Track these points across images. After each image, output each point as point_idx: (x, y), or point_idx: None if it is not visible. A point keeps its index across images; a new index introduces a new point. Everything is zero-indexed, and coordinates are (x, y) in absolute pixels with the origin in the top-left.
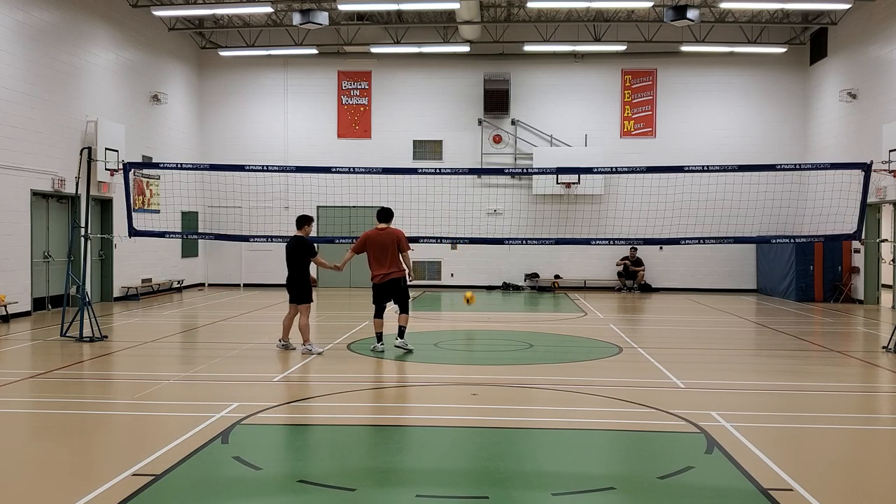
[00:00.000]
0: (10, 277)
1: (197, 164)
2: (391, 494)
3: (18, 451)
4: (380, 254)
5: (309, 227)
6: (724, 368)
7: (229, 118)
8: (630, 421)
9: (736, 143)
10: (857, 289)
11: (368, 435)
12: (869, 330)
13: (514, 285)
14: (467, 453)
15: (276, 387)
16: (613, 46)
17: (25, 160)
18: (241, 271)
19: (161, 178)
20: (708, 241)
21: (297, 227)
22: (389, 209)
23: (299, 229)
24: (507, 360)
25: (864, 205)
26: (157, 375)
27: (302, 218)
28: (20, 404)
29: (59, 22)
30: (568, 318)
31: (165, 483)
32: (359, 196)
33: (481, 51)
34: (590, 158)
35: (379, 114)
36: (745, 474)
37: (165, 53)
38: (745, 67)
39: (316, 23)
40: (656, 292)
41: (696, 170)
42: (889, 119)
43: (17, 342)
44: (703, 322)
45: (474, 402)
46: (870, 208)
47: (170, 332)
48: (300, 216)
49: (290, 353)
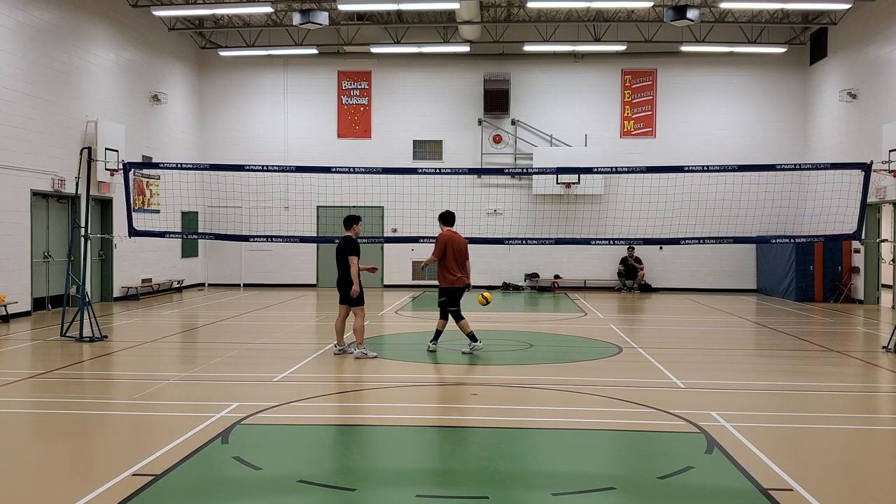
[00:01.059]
0: (10, 277)
1: (197, 164)
2: (391, 494)
3: (18, 451)
4: (460, 256)
5: (358, 226)
6: (724, 368)
7: (229, 118)
8: (630, 421)
9: (736, 143)
10: (857, 289)
11: (368, 435)
12: (869, 330)
13: (513, 285)
14: (467, 453)
15: (276, 387)
16: (613, 46)
17: (25, 160)
18: (241, 271)
19: (161, 178)
20: (708, 241)
21: (346, 228)
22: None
23: (348, 229)
24: (507, 360)
25: (864, 205)
26: (157, 375)
27: (350, 218)
28: (20, 404)
29: (59, 22)
30: (568, 318)
31: (165, 483)
32: (359, 196)
33: (481, 51)
34: (590, 158)
35: (379, 114)
36: (745, 474)
37: (165, 53)
38: (745, 67)
39: (316, 23)
40: (656, 292)
41: (696, 170)
42: (889, 119)
43: (17, 342)
44: (703, 322)
45: (474, 402)
46: (870, 208)
47: (170, 332)
48: (348, 216)
49: (290, 353)
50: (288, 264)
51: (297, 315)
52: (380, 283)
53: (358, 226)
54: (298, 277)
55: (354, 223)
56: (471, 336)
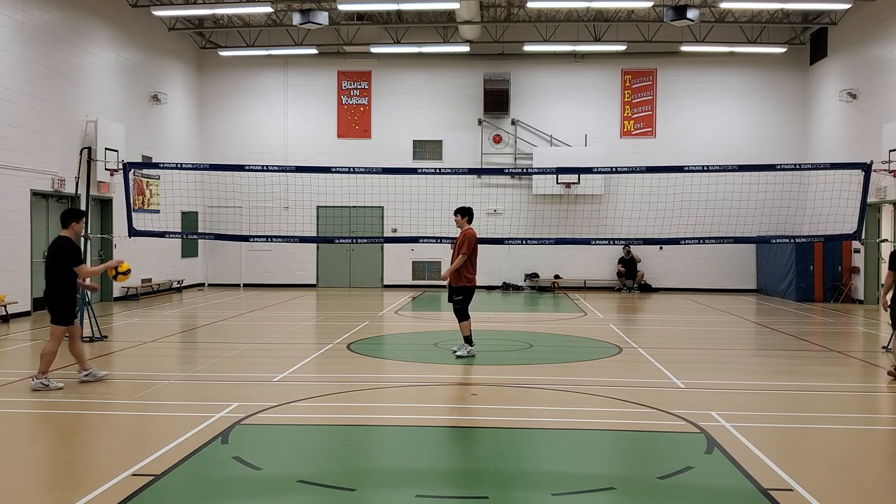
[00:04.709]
0: (10, 277)
1: (197, 164)
2: (391, 494)
3: (18, 451)
4: (476, 256)
5: (79, 224)
6: (724, 368)
7: (229, 118)
8: (630, 421)
9: (736, 143)
10: (857, 289)
11: (368, 435)
12: (869, 330)
13: (514, 285)
14: (467, 453)
15: (276, 387)
16: (613, 46)
17: (25, 160)
18: (240, 271)
19: (161, 178)
20: (708, 241)
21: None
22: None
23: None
24: (507, 360)
25: (864, 205)
26: (157, 375)
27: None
28: (20, 404)
29: (59, 22)
30: (568, 318)
31: (165, 483)
32: (359, 196)
33: (481, 51)
34: (590, 158)
35: (379, 114)
36: (745, 474)
37: (165, 53)
38: (745, 67)
39: (316, 23)
40: (656, 292)
41: (696, 170)
42: (889, 119)
43: (17, 342)
44: (703, 322)
45: (474, 402)
46: (870, 208)
47: (170, 332)
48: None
49: (290, 353)
50: (288, 264)
51: (296, 315)
52: (380, 283)
53: (79, 224)
54: (298, 277)
55: (74, 220)
56: (465, 340)
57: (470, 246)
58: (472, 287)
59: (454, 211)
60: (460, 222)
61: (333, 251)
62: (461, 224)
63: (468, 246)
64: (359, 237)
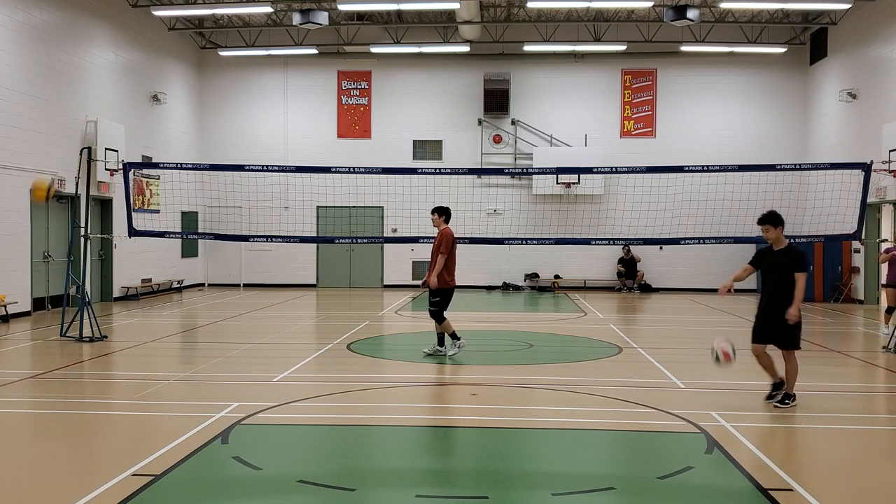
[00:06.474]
0: (10, 277)
1: (197, 164)
2: (391, 494)
3: (18, 451)
4: (454, 256)
5: None
6: (725, 368)
7: (229, 118)
8: (630, 421)
9: (736, 143)
10: (857, 289)
11: (368, 435)
12: (869, 330)
13: (514, 285)
14: (467, 453)
15: (276, 387)
16: (613, 46)
17: (25, 160)
18: (241, 271)
19: (161, 178)
20: (708, 241)
21: None
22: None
23: None
24: (507, 360)
25: (864, 205)
26: (157, 375)
27: None
28: (20, 404)
29: (59, 22)
30: (568, 318)
31: (165, 483)
32: (359, 196)
33: (481, 51)
34: (590, 158)
35: (379, 114)
36: (745, 474)
37: (165, 53)
38: (745, 67)
39: (316, 23)
40: (656, 292)
41: (696, 170)
42: (889, 119)
43: (17, 342)
44: (703, 322)
45: (474, 402)
46: (870, 208)
47: (170, 332)
48: None
49: (290, 353)
50: (288, 264)
51: (296, 315)
52: (380, 283)
53: None
54: (298, 277)
55: None
56: (451, 337)
57: (448, 245)
58: (451, 289)
59: (431, 210)
60: (437, 221)
61: (333, 251)
62: (438, 224)
63: (446, 245)
64: (359, 237)
